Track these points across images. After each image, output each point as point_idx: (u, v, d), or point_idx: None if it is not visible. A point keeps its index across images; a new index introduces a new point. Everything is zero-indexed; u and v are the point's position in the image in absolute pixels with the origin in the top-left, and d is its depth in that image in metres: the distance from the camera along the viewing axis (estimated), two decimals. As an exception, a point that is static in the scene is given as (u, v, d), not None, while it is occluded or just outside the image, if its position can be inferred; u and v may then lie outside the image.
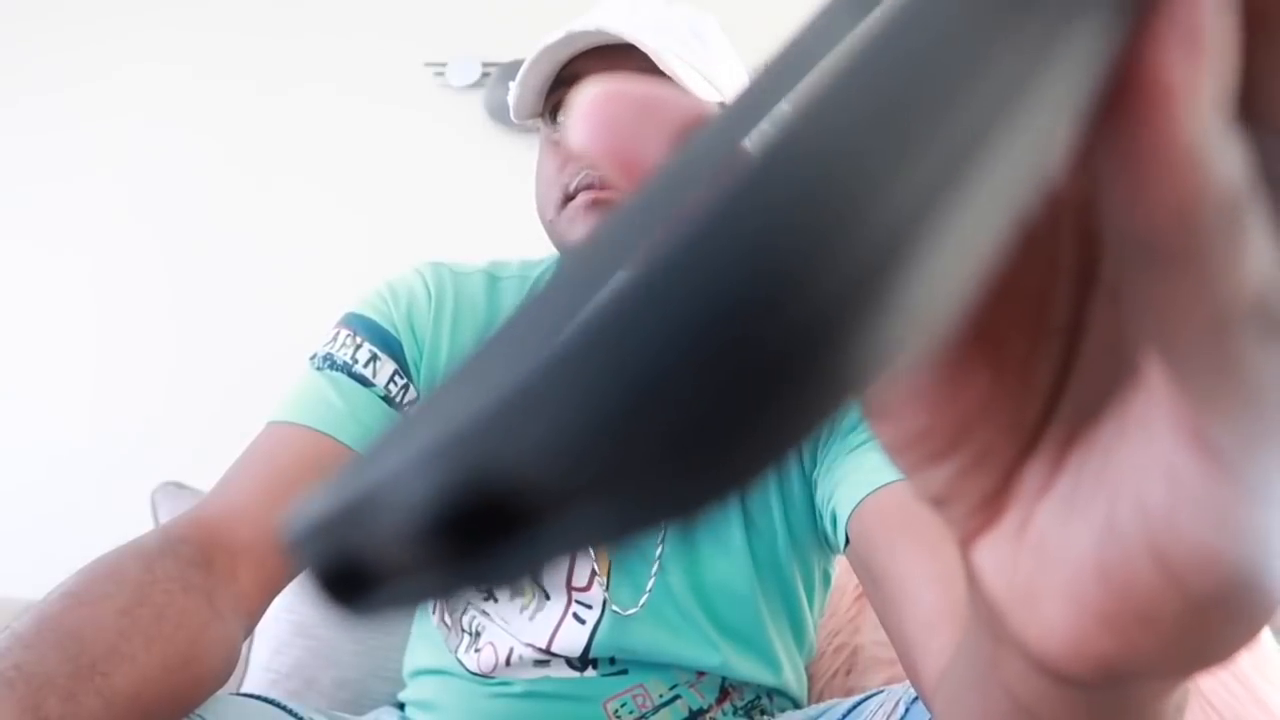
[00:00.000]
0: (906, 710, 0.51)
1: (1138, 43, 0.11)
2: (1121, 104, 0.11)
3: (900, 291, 0.08)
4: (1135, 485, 0.14)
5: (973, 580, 0.17)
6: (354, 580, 0.10)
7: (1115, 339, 0.15)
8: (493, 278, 0.76)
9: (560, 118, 0.68)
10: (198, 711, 0.50)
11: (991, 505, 0.16)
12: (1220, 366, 0.12)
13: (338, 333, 0.70)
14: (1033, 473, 0.16)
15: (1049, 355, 0.15)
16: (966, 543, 0.17)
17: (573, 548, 0.09)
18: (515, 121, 0.71)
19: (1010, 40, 0.09)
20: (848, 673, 0.96)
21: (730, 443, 0.08)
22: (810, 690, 0.89)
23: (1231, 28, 0.11)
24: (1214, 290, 0.11)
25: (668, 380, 0.08)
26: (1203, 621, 0.14)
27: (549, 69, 0.66)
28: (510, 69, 1.84)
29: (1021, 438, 0.16)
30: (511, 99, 0.69)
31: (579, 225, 0.66)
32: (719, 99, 0.65)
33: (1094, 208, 0.14)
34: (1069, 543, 0.15)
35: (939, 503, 0.17)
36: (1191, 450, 0.13)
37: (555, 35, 0.63)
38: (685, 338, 0.08)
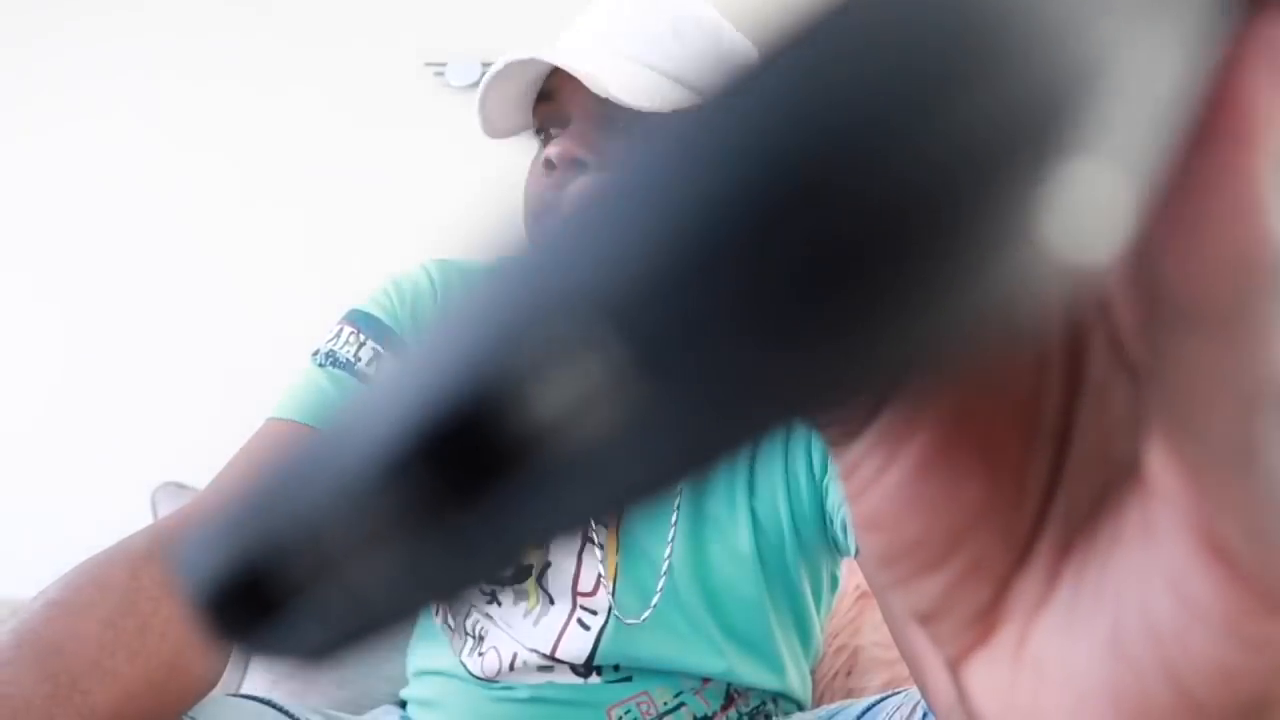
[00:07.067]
0: (925, 714, 0.50)
1: (1223, 59, 0.10)
2: (1189, 132, 0.10)
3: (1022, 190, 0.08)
4: (1139, 597, 0.13)
5: (964, 701, 0.16)
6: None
7: (1106, 441, 0.14)
8: None
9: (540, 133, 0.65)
10: (190, 713, 0.49)
11: (985, 620, 0.15)
12: (1243, 453, 0.11)
13: (341, 329, 0.68)
14: (1028, 584, 0.15)
15: (1041, 459, 0.15)
16: (957, 661, 0.16)
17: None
18: (492, 137, 0.67)
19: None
20: (848, 674, 0.95)
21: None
22: (811, 692, 0.89)
23: None
24: (1254, 361, 0.10)
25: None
26: None
27: (520, 89, 0.62)
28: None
29: (1015, 546, 0.15)
30: (480, 119, 0.65)
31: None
32: (672, 102, 0.62)
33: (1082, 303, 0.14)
34: (1072, 661, 0.14)
35: (929, 619, 0.16)
36: (1200, 554, 0.12)
37: (502, 62, 0.60)
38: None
